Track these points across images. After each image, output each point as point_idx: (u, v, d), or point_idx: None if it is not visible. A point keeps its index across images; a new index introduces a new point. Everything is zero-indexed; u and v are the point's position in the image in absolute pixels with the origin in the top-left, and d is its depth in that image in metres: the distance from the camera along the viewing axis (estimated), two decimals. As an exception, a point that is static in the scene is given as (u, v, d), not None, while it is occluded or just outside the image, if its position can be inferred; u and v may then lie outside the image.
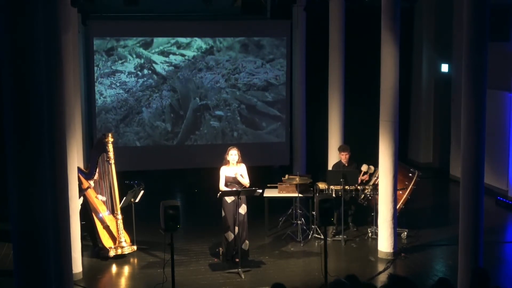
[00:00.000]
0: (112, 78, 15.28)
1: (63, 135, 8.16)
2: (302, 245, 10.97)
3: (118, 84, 15.33)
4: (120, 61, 15.30)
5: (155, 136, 15.69)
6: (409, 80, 16.68)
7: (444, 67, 16.04)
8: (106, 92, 15.31)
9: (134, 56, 15.36)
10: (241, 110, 15.98)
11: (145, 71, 15.45)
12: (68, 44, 8.92)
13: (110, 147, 10.47)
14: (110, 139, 10.48)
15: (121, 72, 15.32)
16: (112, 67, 15.28)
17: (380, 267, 10.05)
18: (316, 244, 11.01)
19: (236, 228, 9.97)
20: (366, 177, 11.34)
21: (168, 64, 15.54)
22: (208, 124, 15.89)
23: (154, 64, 15.47)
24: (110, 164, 10.48)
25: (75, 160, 9.43)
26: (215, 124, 15.90)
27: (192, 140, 15.84)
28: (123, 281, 9.94)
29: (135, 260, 10.42)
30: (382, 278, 9.50)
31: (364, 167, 11.30)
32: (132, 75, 15.39)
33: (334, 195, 10.88)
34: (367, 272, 9.74)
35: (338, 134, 13.02)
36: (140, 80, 15.43)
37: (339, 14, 12.80)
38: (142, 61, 15.40)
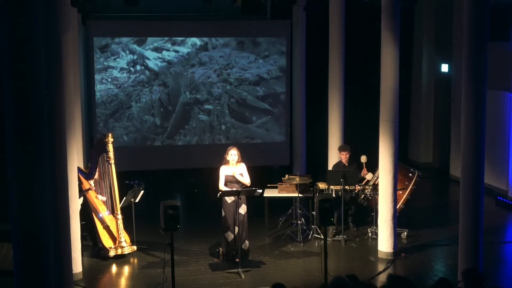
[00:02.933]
0: (104, 74, 15.23)
1: (63, 135, 8.17)
2: (302, 245, 10.97)
3: (109, 80, 15.29)
4: (112, 57, 15.25)
5: (143, 131, 15.59)
6: (409, 80, 16.67)
7: (444, 67, 16.03)
8: (96, 87, 15.26)
9: (127, 52, 15.32)
10: (230, 104, 15.90)
11: (138, 67, 15.38)
12: (68, 44, 8.92)
13: (110, 147, 10.47)
14: (110, 139, 10.47)
15: (113, 68, 15.27)
16: (105, 63, 15.23)
17: (380, 267, 10.04)
18: (316, 244, 11.01)
19: (236, 228, 9.97)
20: (365, 172, 11.30)
21: (161, 60, 15.49)
22: (197, 118, 15.81)
23: (146, 60, 15.40)
24: (110, 164, 10.47)
25: (75, 160, 9.43)
26: (204, 117, 15.85)
27: (181, 134, 15.77)
28: (123, 281, 9.94)
29: (135, 260, 10.42)
30: (382, 278, 9.50)
31: (363, 158, 11.28)
32: (124, 71, 15.32)
33: (334, 195, 10.87)
34: (367, 272, 9.74)
35: (338, 134, 13.01)
36: (132, 76, 15.37)
37: (339, 14, 12.79)
38: (135, 57, 15.36)
